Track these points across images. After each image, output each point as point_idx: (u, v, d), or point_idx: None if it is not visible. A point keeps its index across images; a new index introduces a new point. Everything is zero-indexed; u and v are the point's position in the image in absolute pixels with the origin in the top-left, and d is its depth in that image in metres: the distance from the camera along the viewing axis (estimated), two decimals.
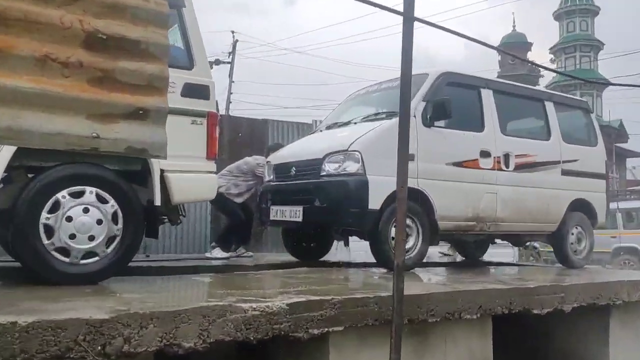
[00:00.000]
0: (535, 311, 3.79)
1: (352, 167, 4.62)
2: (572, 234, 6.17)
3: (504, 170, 5.51)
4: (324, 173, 4.75)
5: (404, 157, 2.81)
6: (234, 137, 7.67)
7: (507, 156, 5.54)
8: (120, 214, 3.26)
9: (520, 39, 38.91)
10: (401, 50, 2.61)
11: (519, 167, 5.65)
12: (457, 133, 5.29)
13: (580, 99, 7.03)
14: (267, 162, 5.72)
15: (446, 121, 5.19)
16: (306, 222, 4.88)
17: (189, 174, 3.68)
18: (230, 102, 22.26)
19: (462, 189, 5.19)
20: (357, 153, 4.62)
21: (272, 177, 5.54)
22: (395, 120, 4.97)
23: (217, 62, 22.10)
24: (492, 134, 5.48)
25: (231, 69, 22.54)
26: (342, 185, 4.60)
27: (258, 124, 8.04)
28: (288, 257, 5.95)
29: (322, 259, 6.01)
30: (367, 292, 3.20)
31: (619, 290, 4.36)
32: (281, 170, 5.37)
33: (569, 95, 6.93)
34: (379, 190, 4.60)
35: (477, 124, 5.48)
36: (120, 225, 3.27)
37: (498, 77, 41.47)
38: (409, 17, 2.53)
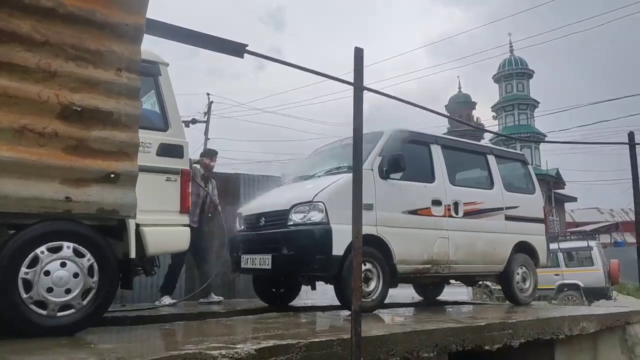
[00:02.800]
0: (486, 347, 3.78)
1: (316, 216, 4.63)
2: (518, 273, 6.25)
3: (454, 217, 5.60)
4: (290, 222, 4.75)
5: (358, 209, 2.83)
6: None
7: (456, 204, 5.64)
8: (96, 267, 3.16)
9: (466, 98, 40.46)
10: (353, 115, 2.68)
11: (467, 214, 5.76)
12: (411, 184, 5.38)
13: (518, 152, 7.28)
14: (238, 213, 5.69)
15: (401, 173, 5.29)
16: (275, 269, 4.83)
17: (163, 227, 3.63)
18: None
19: (417, 235, 5.24)
20: (320, 204, 4.65)
21: (242, 227, 5.50)
22: (350, 176, 5.10)
23: (194, 121, 22.17)
24: (442, 184, 5.60)
25: (207, 127, 22.58)
26: (308, 234, 4.59)
27: (231, 178, 8.03)
28: (259, 303, 5.83)
29: (291, 303, 5.92)
30: (331, 335, 3.15)
31: (561, 325, 4.41)
32: (251, 220, 5.34)
33: (508, 149, 7.18)
34: (342, 237, 4.60)
35: (428, 176, 5.60)
36: (96, 278, 3.17)
37: (448, 132, 42.76)
38: (358, 87, 2.62)
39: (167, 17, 2.50)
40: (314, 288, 5.89)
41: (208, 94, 22.62)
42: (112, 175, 2.90)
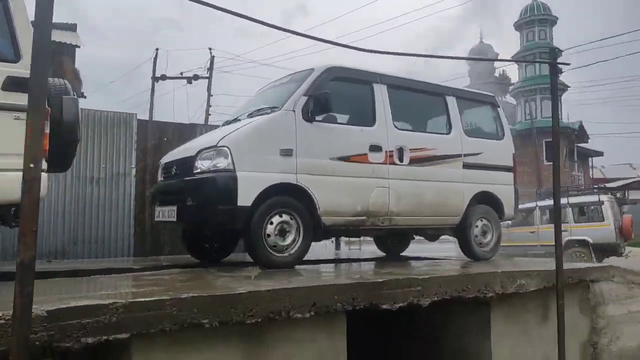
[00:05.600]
0: (384, 306, 3.31)
1: (221, 163, 4.14)
2: (477, 226, 5.69)
3: (397, 165, 5.03)
4: (196, 170, 4.27)
5: None
6: (160, 142, 7.21)
7: (401, 150, 5.06)
8: None
9: (488, 50, 38.68)
10: None
11: (415, 161, 5.17)
12: (343, 128, 4.82)
13: (487, 93, 6.49)
14: (160, 162, 5.24)
15: (332, 116, 4.73)
16: (180, 221, 4.41)
17: (13, 172, 3.20)
18: (210, 115, 21.75)
19: (349, 184, 4.71)
20: (225, 149, 4.14)
21: (160, 177, 5.07)
22: (271, 116, 4.56)
23: (196, 77, 21.65)
24: (383, 128, 5.00)
25: (209, 83, 22.02)
26: (211, 182, 4.11)
27: (186, 129, 7.57)
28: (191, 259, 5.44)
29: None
30: (173, 294, 2.71)
31: (490, 282, 3.89)
32: (166, 169, 4.89)
33: (474, 90, 6.43)
34: (250, 186, 4.13)
35: (367, 119, 5.01)
36: None
37: (468, 86, 41.16)
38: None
39: None
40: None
41: (210, 49, 21.93)
42: None
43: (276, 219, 4.28)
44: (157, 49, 22.13)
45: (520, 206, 18.52)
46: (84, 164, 6.79)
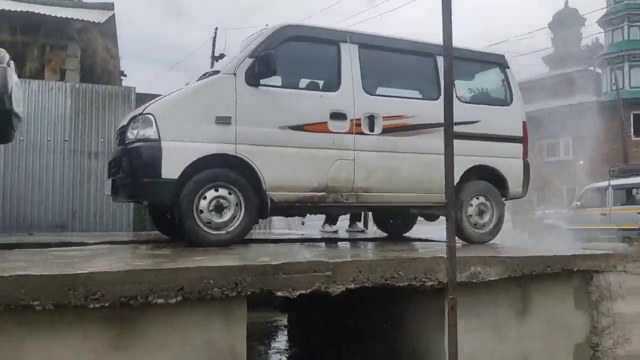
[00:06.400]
0: (280, 293, 2.86)
1: (146, 131, 3.83)
2: (471, 205, 5.00)
3: (366, 134, 4.48)
4: (127, 140, 4.01)
5: None
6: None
7: (371, 118, 4.50)
8: None
9: (573, 14, 35.29)
10: None
11: (389, 130, 4.59)
12: (296, 93, 4.35)
13: (493, 52, 5.61)
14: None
15: (288, 80, 4.28)
16: (114, 195, 4.18)
17: None
18: None
19: (302, 156, 4.24)
20: (150, 116, 3.83)
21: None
22: (207, 81, 4.17)
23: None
24: (349, 93, 4.45)
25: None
26: (133, 153, 3.82)
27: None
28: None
29: None
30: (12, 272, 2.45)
31: (431, 268, 3.29)
32: (117, 137, 4.67)
33: (478, 49, 5.57)
34: (177, 157, 3.81)
35: (330, 83, 4.49)
36: None
37: (551, 55, 37.84)
38: None
39: None
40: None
41: (216, 28, 21.94)
42: None
43: (211, 194, 3.93)
44: (216, 29, 22.41)
45: (592, 185, 16.94)
46: (83, 138, 6.83)
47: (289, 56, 4.25)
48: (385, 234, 6.41)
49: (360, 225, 7.44)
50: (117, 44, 12.09)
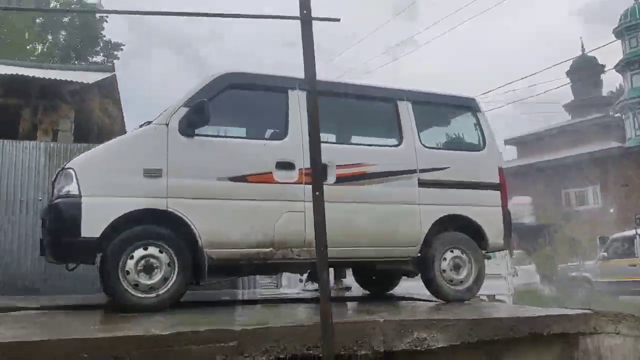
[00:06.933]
0: None
1: (68, 187, 3.58)
2: (445, 259, 4.53)
3: None
4: (53, 196, 3.76)
5: None
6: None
7: (323, 167, 4.16)
8: None
9: (592, 62, 34.93)
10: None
11: (344, 179, 4.24)
12: (236, 142, 4.09)
13: (464, 96, 5.24)
14: None
15: (224, 128, 4.03)
16: (45, 257, 3.89)
17: None
18: None
19: (243, 209, 3.91)
20: (70, 171, 3.59)
21: None
22: (135, 133, 3.94)
23: None
24: (298, 142, 4.15)
25: None
26: (53, 210, 3.57)
27: None
28: None
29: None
30: None
31: (368, 334, 2.83)
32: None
33: (446, 93, 5.19)
34: (99, 213, 3.52)
35: (276, 131, 4.22)
36: None
37: (572, 102, 37.17)
38: None
39: None
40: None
41: None
42: None
43: (139, 252, 3.60)
44: None
45: (618, 234, 15.97)
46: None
47: (229, 104, 4.02)
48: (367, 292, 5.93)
49: (347, 281, 6.96)
50: (119, 105, 12.27)
